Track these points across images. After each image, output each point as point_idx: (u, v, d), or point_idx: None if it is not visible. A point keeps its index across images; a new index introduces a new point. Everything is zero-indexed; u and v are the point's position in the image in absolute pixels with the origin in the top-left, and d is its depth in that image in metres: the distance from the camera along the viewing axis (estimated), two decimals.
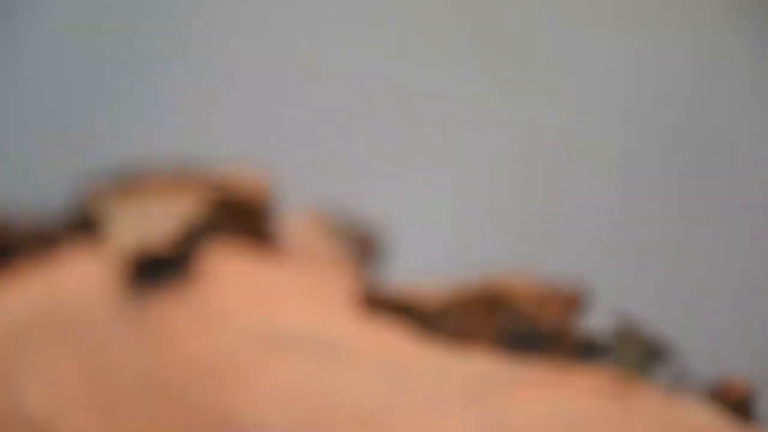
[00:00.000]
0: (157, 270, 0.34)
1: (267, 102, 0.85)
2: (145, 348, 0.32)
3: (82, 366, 0.33)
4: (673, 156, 0.75)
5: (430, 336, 0.31)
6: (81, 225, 0.38)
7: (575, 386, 0.27)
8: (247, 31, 0.84)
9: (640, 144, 0.76)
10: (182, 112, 0.86)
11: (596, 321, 0.32)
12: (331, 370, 0.30)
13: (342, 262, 0.38)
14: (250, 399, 0.30)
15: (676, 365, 0.31)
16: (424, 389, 0.28)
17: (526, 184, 0.79)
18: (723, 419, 0.28)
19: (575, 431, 0.26)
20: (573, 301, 0.31)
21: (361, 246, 0.40)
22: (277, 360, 0.30)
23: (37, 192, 0.48)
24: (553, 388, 0.27)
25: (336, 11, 0.83)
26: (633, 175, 0.75)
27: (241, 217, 0.36)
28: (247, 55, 0.84)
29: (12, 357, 0.34)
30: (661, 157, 0.75)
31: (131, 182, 0.39)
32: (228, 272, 0.34)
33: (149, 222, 0.35)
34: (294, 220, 0.39)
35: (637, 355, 0.31)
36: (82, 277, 0.35)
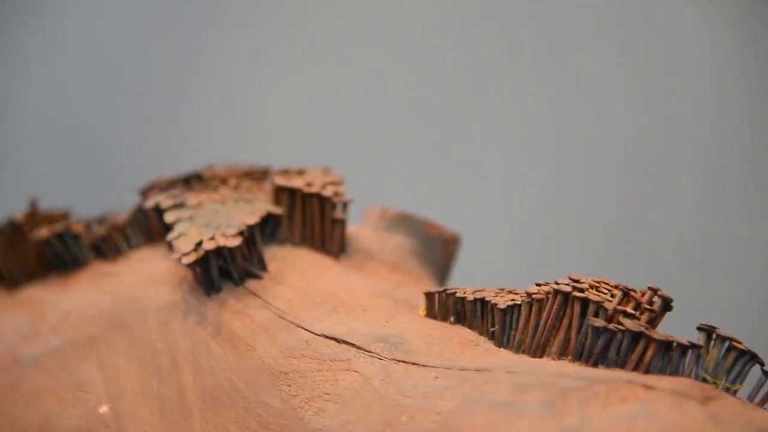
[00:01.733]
0: (223, 271, 0.34)
1: (322, 108, 0.85)
2: (210, 349, 0.32)
3: (146, 367, 0.33)
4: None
5: (503, 338, 0.31)
6: (146, 229, 0.38)
7: (658, 391, 0.27)
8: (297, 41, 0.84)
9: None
10: (240, 120, 0.87)
11: (679, 327, 0.31)
12: (402, 373, 0.29)
13: (414, 267, 0.38)
14: (317, 401, 0.30)
15: (761, 372, 0.30)
16: (502, 394, 0.28)
17: (588, 193, 0.78)
18: None
19: None
20: (651, 305, 0.31)
21: (434, 251, 0.40)
22: (348, 364, 0.30)
23: (105, 199, 0.49)
24: (635, 392, 0.27)
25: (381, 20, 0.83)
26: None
27: (311, 219, 0.36)
28: (298, 63, 0.85)
29: (79, 361, 0.35)
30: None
31: (194, 186, 0.39)
32: (298, 274, 0.34)
33: (214, 224, 0.35)
34: (365, 224, 0.39)
35: (721, 361, 0.30)
36: (147, 280, 0.36)
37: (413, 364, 0.30)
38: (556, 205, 0.80)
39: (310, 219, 0.36)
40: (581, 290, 0.30)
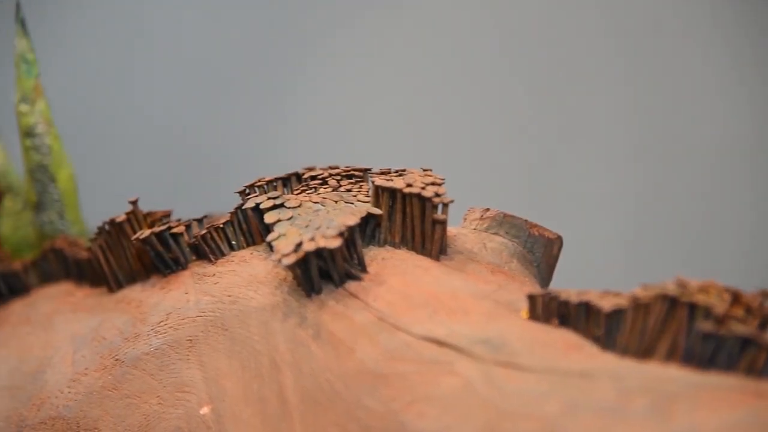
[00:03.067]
0: (323, 272, 0.34)
1: (414, 111, 0.85)
2: (311, 351, 0.33)
3: (246, 368, 0.34)
4: None
5: (608, 342, 0.30)
6: (246, 229, 0.38)
7: None
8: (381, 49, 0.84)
9: None
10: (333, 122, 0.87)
11: None
12: (504, 377, 0.29)
13: (516, 269, 0.37)
14: (418, 405, 0.30)
15: None
16: (605, 398, 0.28)
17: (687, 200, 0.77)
18: None
19: None
20: (762, 309, 0.30)
21: (535, 252, 0.39)
22: (448, 366, 0.30)
23: (205, 199, 0.50)
24: (745, 399, 0.26)
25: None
26: None
27: (411, 220, 0.36)
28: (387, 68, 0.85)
29: (176, 359, 0.35)
30: None
31: (297, 187, 0.39)
32: (398, 275, 0.34)
33: (314, 224, 0.35)
34: (465, 225, 0.39)
35: None
36: (247, 281, 0.36)
37: (516, 367, 0.30)
38: (657, 205, 0.79)
39: (410, 220, 0.36)
40: (689, 294, 0.30)
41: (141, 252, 0.40)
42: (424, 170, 0.38)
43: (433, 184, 0.37)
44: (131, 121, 0.91)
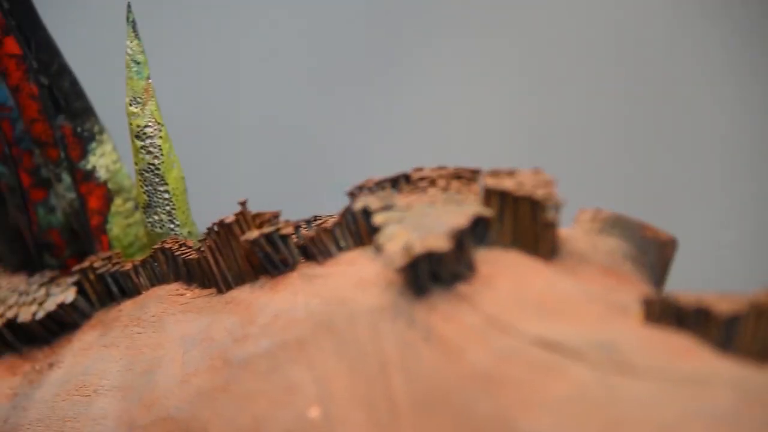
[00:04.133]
0: (433, 273, 0.34)
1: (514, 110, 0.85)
2: (420, 353, 0.33)
3: (356, 370, 0.34)
4: None
5: (726, 348, 0.30)
6: (355, 231, 0.39)
7: None
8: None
9: None
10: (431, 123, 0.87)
11: None
12: (619, 382, 0.29)
13: (627, 271, 0.37)
14: (531, 410, 0.30)
15: None
16: (723, 405, 0.27)
17: None
18: None
19: None
20: None
21: (649, 254, 0.39)
22: (561, 370, 0.30)
23: (313, 200, 0.50)
24: None
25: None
26: None
27: (520, 220, 0.36)
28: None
29: (289, 363, 0.36)
30: None
31: (402, 188, 0.40)
32: (508, 276, 0.34)
33: (422, 225, 0.35)
34: (576, 227, 0.39)
35: None
36: (356, 282, 0.36)
37: (630, 373, 0.29)
38: None
39: (521, 222, 0.36)
40: None
41: (250, 253, 0.40)
42: (535, 171, 0.38)
43: (544, 185, 0.37)
44: (239, 121, 0.92)
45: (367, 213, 0.38)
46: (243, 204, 0.41)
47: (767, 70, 0.78)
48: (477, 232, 0.36)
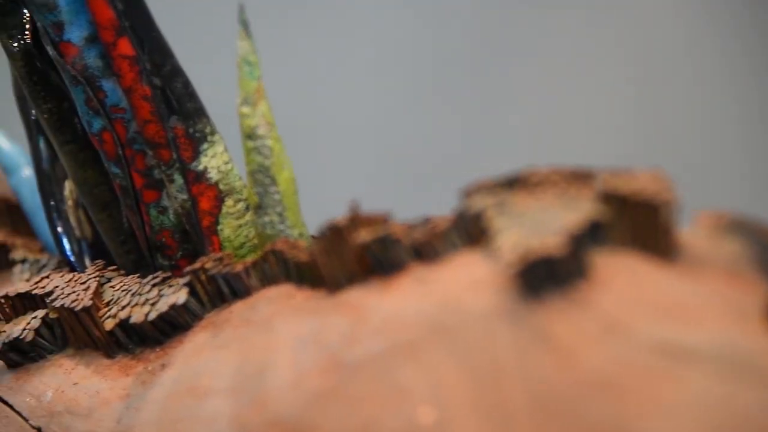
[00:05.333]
0: (548, 275, 0.34)
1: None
2: (535, 357, 0.33)
3: (470, 375, 0.34)
4: None
5: None
6: (468, 233, 0.39)
7: None
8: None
9: None
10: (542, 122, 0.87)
11: None
12: (740, 388, 0.29)
13: (750, 274, 0.36)
14: (648, 416, 0.30)
15: None
16: None
17: None
18: None
19: None
20: None
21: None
22: (681, 375, 0.30)
23: (425, 201, 0.50)
24: None
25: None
26: None
27: (638, 222, 0.36)
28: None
29: (401, 366, 0.36)
30: None
31: (516, 189, 0.39)
32: (625, 279, 0.34)
33: (537, 226, 0.35)
34: (696, 229, 0.38)
35: None
36: (469, 285, 0.36)
37: (755, 379, 0.29)
38: None
39: (639, 223, 0.36)
40: None
41: (361, 255, 0.40)
42: (653, 172, 0.38)
43: (661, 186, 0.36)
44: (350, 122, 0.93)
45: (480, 214, 0.38)
46: (354, 205, 0.41)
47: None
48: (594, 234, 0.36)
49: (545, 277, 0.34)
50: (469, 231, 0.39)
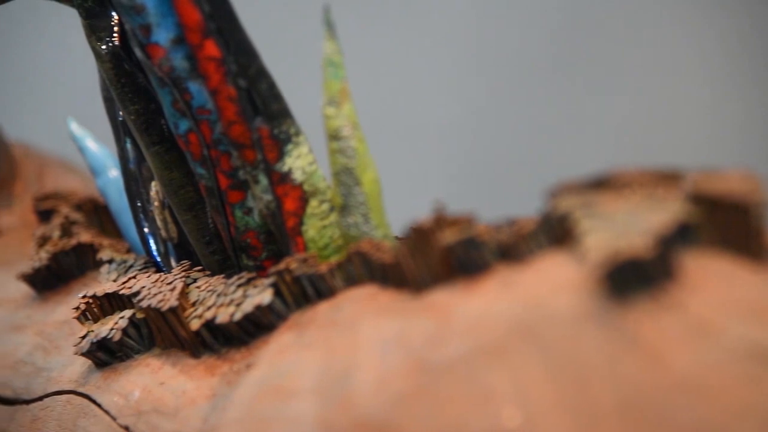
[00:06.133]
0: (635, 277, 0.34)
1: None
2: (622, 360, 0.33)
3: (556, 377, 0.34)
4: None
5: None
6: (554, 234, 0.39)
7: None
8: None
9: None
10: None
11: None
12: None
13: None
14: (740, 421, 0.29)
15: None
16: None
17: None
18: None
19: None
20: None
21: None
22: None
23: (511, 202, 0.50)
24: None
25: None
26: None
27: (727, 223, 0.36)
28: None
29: (486, 368, 0.36)
30: None
31: (603, 190, 0.39)
32: (714, 281, 0.34)
33: (625, 228, 0.35)
34: None
35: None
36: (556, 286, 0.36)
37: None
38: None
39: (729, 225, 0.36)
40: None
41: (446, 257, 0.41)
42: (742, 172, 0.38)
43: (752, 187, 0.36)
44: (435, 121, 0.93)
45: (566, 215, 0.38)
46: (439, 206, 0.42)
47: None
48: (682, 236, 0.36)
49: (633, 278, 0.34)
50: (556, 232, 0.39)
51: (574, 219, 0.37)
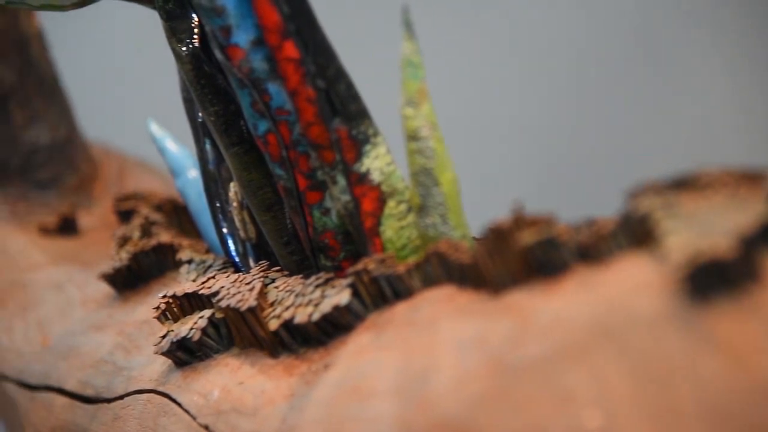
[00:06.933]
0: (718, 279, 0.34)
1: None
2: (704, 362, 0.33)
3: (637, 379, 0.34)
4: None
5: None
6: (635, 235, 0.39)
7: None
8: None
9: None
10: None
11: None
12: None
13: None
14: None
15: None
16: None
17: None
18: None
19: None
20: None
21: None
22: None
23: (590, 202, 0.50)
24: None
25: None
26: None
27: None
28: None
29: (565, 370, 0.36)
30: None
31: (685, 190, 0.39)
32: None
33: (707, 228, 0.35)
34: None
35: None
36: (636, 287, 0.36)
37: None
38: None
39: None
40: None
41: (525, 257, 0.41)
42: None
43: None
44: (514, 121, 0.93)
45: (647, 216, 0.38)
46: (518, 207, 0.42)
47: None
48: (765, 237, 0.36)
49: (715, 280, 0.34)
50: (636, 233, 0.39)
51: (656, 219, 0.37)
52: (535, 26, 0.95)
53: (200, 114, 0.57)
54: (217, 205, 0.58)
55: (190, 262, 0.61)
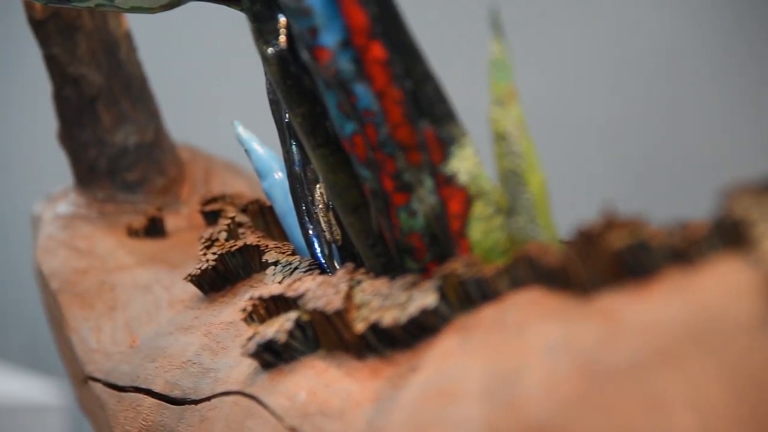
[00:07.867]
0: None
1: None
2: None
3: (731, 385, 0.33)
4: None
5: None
6: (729, 238, 0.38)
7: None
8: None
9: None
10: None
11: None
12: None
13: None
14: None
15: None
16: None
17: None
18: None
19: None
20: None
21: None
22: None
23: (683, 203, 0.50)
24: None
25: None
26: None
27: None
28: None
29: (657, 374, 0.36)
30: None
31: None
32: None
33: None
34: None
35: None
36: (730, 291, 0.36)
37: None
38: None
39: None
40: None
41: (615, 260, 0.40)
42: None
43: None
44: (604, 122, 0.92)
45: (742, 218, 0.37)
46: (608, 208, 0.41)
47: None
48: None
49: None
50: (730, 236, 0.38)
51: (751, 222, 0.37)
52: (626, 24, 0.94)
53: (286, 115, 0.58)
54: (303, 206, 0.59)
55: (276, 263, 0.61)
